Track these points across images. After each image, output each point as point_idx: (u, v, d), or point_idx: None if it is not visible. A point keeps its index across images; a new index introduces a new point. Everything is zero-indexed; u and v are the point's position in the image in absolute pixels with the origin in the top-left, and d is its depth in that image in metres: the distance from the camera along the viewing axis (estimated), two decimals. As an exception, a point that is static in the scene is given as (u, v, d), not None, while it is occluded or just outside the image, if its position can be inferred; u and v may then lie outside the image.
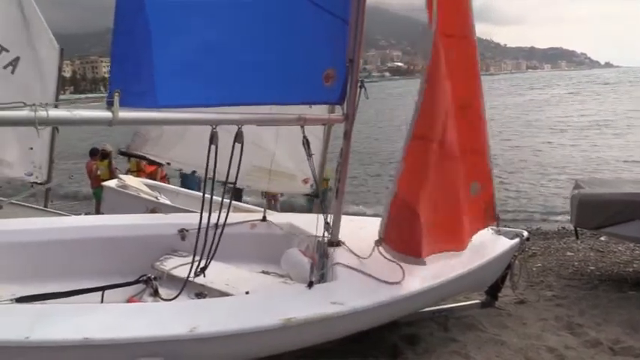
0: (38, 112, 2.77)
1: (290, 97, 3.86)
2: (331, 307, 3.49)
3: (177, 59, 3.26)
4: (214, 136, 3.45)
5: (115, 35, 3.03)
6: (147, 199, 7.62)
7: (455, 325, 4.87)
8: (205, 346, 3.19)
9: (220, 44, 3.42)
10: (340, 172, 4.28)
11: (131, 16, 3.02)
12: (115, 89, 2.99)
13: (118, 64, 3.09)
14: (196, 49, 3.33)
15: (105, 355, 3.02)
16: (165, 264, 4.51)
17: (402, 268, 3.90)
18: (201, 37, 3.33)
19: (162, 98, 3.22)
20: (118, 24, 3.01)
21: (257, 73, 3.62)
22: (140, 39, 3.08)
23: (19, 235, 4.49)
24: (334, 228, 4.40)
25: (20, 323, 3.00)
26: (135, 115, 3.19)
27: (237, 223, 4.75)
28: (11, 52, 8.06)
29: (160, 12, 3.10)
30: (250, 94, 3.62)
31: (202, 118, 3.54)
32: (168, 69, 3.21)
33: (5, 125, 2.87)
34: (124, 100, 3.01)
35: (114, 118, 2.98)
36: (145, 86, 3.14)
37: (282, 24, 3.63)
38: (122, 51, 3.07)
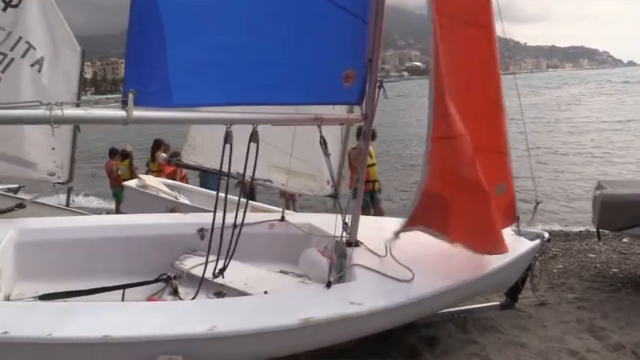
0: (53, 110, 2.82)
1: (309, 97, 3.87)
2: (350, 307, 3.48)
3: (193, 59, 3.28)
4: (229, 136, 3.46)
5: (129, 36, 3.06)
6: (166, 199, 7.70)
7: (474, 327, 4.83)
8: (224, 345, 3.21)
9: (238, 44, 3.44)
10: (359, 173, 4.27)
11: (145, 16, 3.05)
12: (129, 89, 3.02)
13: (133, 65, 3.12)
14: (211, 49, 3.35)
15: (125, 352, 3.06)
16: (184, 263, 4.55)
17: (419, 268, 3.88)
18: (216, 37, 3.35)
19: (177, 98, 3.24)
20: (133, 25, 3.04)
21: (275, 73, 3.63)
22: (154, 39, 3.10)
23: (41, 233, 4.56)
24: (352, 228, 4.40)
25: (43, 320, 3.05)
26: (149, 114, 3.22)
27: (255, 222, 4.77)
28: (37, 50, 8.21)
29: (173, 12, 3.12)
30: (268, 94, 3.64)
31: (217, 117, 3.56)
32: (183, 69, 3.23)
33: (23, 123, 2.94)
34: (140, 99, 3.05)
35: (128, 117, 3.02)
36: (160, 86, 3.16)
37: (302, 24, 3.65)
38: (136, 51, 3.10)
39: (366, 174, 7.36)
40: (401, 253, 4.02)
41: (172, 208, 7.28)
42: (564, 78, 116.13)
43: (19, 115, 2.87)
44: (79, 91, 8.87)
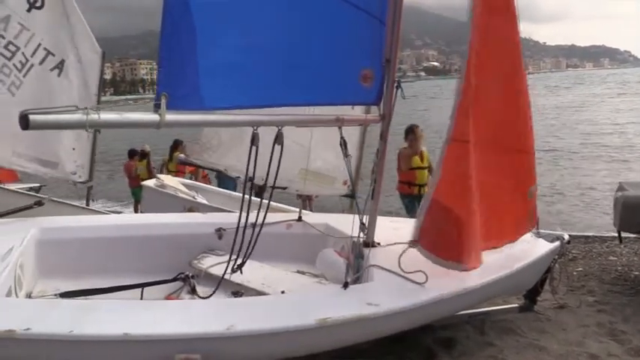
0: (90, 115, 2.84)
1: (329, 98, 3.89)
2: (367, 308, 3.48)
3: (221, 61, 3.31)
4: (255, 138, 3.49)
5: (162, 39, 3.10)
6: (184, 199, 7.75)
7: (492, 329, 4.79)
8: (242, 345, 3.23)
9: (262, 46, 3.47)
10: (376, 173, 4.26)
11: (177, 20, 3.08)
12: (162, 92, 3.05)
13: (165, 68, 3.16)
14: (238, 51, 3.38)
15: (144, 350, 3.09)
16: (202, 262, 4.58)
17: (438, 270, 3.86)
18: (241, 39, 3.38)
19: (206, 100, 3.28)
20: (165, 28, 3.07)
21: (297, 74, 3.66)
22: (186, 42, 3.14)
23: (62, 232, 4.63)
24: (370, 229, 4.39)
25: (64, 317, 3.10)
26: (181, 117, 3.25)
27: (273, 223, 4.79)
28: (57, 55, 8.35)
29: (204, 15, 3.15)
30: (290, 95, 3.67)
31: (244, 119, 3.59)
32: (212, 71, 3.27)
33: (59, 128, 2.98)
34: (171, 102, 3.08)
35: (161, 120, 3.05)
36: (191, 89, 3.20)
37: (322, 25, 3.67)
38: (169, 54, 3.14)
39: (412, 176, 7.38)
40: (418, 253, 4.00)
41: (190, 207, 7.34)
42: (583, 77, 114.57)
43: (58, 119, 2.88)
44: (99, 92, 9.01)
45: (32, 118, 2.73)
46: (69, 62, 8.49)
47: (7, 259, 3.76)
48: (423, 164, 7.58)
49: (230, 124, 3.88)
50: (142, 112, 3.19)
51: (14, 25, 7.98)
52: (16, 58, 8.02)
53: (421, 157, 7.57)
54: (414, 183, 7.54)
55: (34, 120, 2.74)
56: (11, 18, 7.98)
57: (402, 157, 7.56)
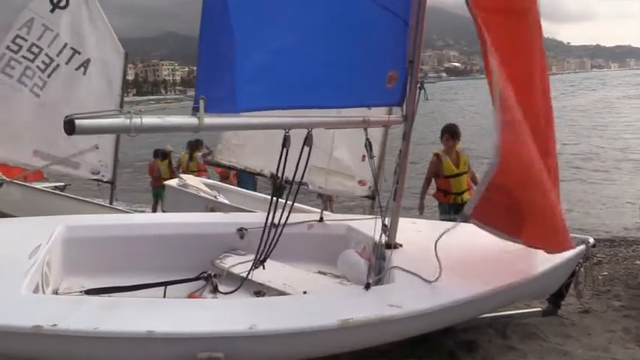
0: (133, 119, 2.85)
1: (357, 99, 3.90)
2: (388, 309, 3.47)
3: (255, 63, 3.33)
4: (287, 140, 3.51)
5: (201, 41, 3.13)
6: (206, 198, 7.83)
7: (514, 333, 4.73)
8: (264, 344, 3.24)
9: (292, 48, 3.49)
10: (399, 174, 4.25)
11: (217, 22, 3.11)
12: (200, 95, 3.07)
13: (204, 71, 3.20)
14: (271, 53, 3.41)
15: (167, 348, 3.12)
16: (224, 262, 4.62)
17: (460, 272, 3.83)
18: (273, 40, 3.41)
19: (240, 103, 3.30)
20: (204, 30, 3.10)
21: (327, 76, 3.68)
22: (224, 45, 3.17)
23: (87, 230, 4.71)
24: (391, 230, 4.38)
25: (89, 314, 3.15)
26: (219, 121, 3.30)
27: (294, 223, 4.80)
28: (82, 54, 8.51)
29: (243, 17, 3.18)
30: (320, 96, 3.68)
31: (276, 122, 3.61)
32: (246, 74, 3.29)
33: (104, 133, 2.99)
34: (208, 105, 3.10)
35: (200, 124, 3.08)
36: (227, 91, 3.22)
37: (349, 26, 3.68)
38: (208, 57, 3.19)
39: (447, 185, 7.10)
40: (441, 255, 3.97)
41: (212, 207, 7.41)
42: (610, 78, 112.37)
43: (103, 124, 2.88)
44: (122, 92, 9.16)
45: (78, 123, 2.72)
46: (93, 63, 8.65)
47: (35, 257, 3.83)
48: (460, 170, 7.09)
49: (264, 127, 3.88)
50: (182, 116, 3.19)
51: (38, 26, 8.17)
52: (38, 59, 8.21)
53: (457, 162, 7.11)
54: (450, 192, 7.10)
55: (79, 125, 2.73)
56: (35, 20, 8.17)
57: (433, 164, 7.17)
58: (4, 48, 8.13)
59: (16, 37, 8.10)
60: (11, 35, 8.13)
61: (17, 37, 8.10)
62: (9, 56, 8.06)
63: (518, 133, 3.67)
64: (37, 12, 8.24)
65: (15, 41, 8.08)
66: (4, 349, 3.28)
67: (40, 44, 8.23)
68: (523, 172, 3.76)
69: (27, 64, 8.18)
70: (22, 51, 8.11)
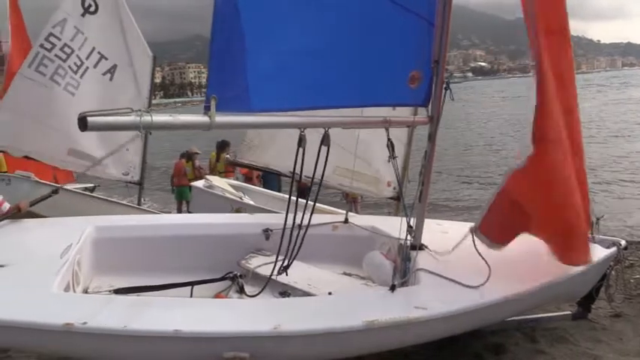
0: (143, 117, 2.93)
1: (377, 99, 3.88)
2: (414, 311, 3.45)
3: (269, 64, 3.36)
4: (302, 139, 3.52)
5: (212, 43, 3.16)
6: (232, 199, 7.90)
7: (543, 337, 4.67)
8: (289, 344, 3.25)
9: (311, 49, 3.50)
10: (424, 175, 4.22)
11: (227, 25, 3.15)
12: (211, 94, 3.11)
13: (215, 71, 3.22)
14: (285, 54, 3.42)
15: (194, 347, 3.16)
16: (250, 262, 4.64)
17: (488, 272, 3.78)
18: (290, 42, 3.42)
19: (254, 102, 3.33)
20: (215, 32, 3.14)
21: (344, 76, 3.67)
22: (235, 46, 3.20)
23: (116, 231, 4.79)
24: (417, 231, 4.34)
25: (118, 313, 3.20)
26: (230, 119, 3.30)
27: (319, 224, 4.80)
28: (110, 60, 8.66)
29: (253, 19, 3.20)
30: (337, 96, 3.68)
31: (291, 121, 3.63)
32: (260, 74, 3.31)
33: (115, 130, 3.08)
34: (220, 105, 3.13)
35: (211, 122, 3.11)
36: (240, 91, 3.25)
37: (370, 27, 3.66)
38: (218, 58, 3.21)
39: None
40: (467, 257, 3.93)
41: (237, 208, 7.47)
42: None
43: (114, 121, 2.97)
44: (150, 95, 9.29)
45: (90, 120, 2.84)
46: (121, 66, 8.80)
47: (66, 256, 3.92)
48: None
49: (278, 126, 3.92)
50: (193, 115, 3.25)
51: (70, 28, 8.30)
52: (70, 60, 8.34)
53: None
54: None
55: (92, 122, 2.85)
56: (67, 21, 8.30)
57: None
58: (37, 46, 8.29)
59: (50, 35, 8.20)
60: (45, 33, 8.25)
61: (51, 35, 8.20)
62: (42, 54, 8.19)
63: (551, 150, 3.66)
64: (69, 13, 8.37)
65: (49, 39, 8.20)
66: (37, 345, 3.38)
67: (72, 45, 8.36)
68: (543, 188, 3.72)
69: (59, 62, 8.30)
70: (55, 50, 8.22)
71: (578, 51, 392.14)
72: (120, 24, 8.82)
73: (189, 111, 3.34)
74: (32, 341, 3.24)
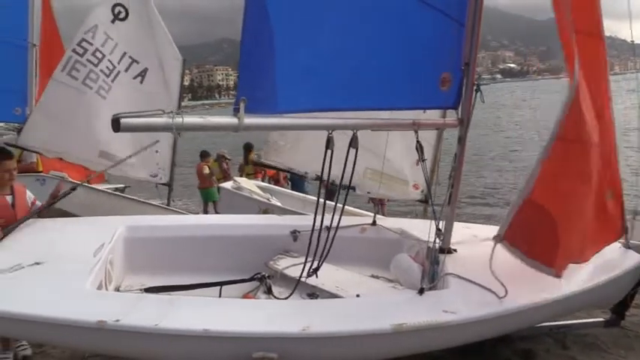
0: (175, 118, 3.00)
1: (407, 102, 3.86)
2: (443, 315, 3.42)
3: (297, 66, 3.39)
4: (330, 141, 3.53)
5: (242, 44, 3.21)
6: (259, 201, 7.96)
7: (574, 343, 4.58)
8: (317, 346, 3.26)
9: (339, 50, 3.51)
10: (454, 178, 4.19)
11: (257, 25, 3.19)
12: (241, 96, 3.16)
13: (245, 73, 3.27)
14: (314, 56, 3.44)
15: (223, 346, 3.19)
16: (278, 263, 4.67)
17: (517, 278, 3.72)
18: (318, 43, 3.44)
19: (282, 104, 3.35)
20: (245, 35, 3.18)
21: (374, 78, 3.67)
22: (264, 48, 3.24)
23: (147, 230, 4.87)
24: (446, 234, 4.31)
25: (150, 311, 3.25)
26: (259, 121, 3.35)
27: (347, 226, 4.81)
28: (141, 63, 8.83)
29: (283, 20, 3.24)
30: (366, 99, 3.68)
31: (319, 123, 3.64)
32: (288, 75, 3.34)
33: (147, 131, 3.16)
34: (249, 106, 3.18)
35: (240, 124, 3.16)
36: (268, 93, 3.29)
37: (400, 29, 3.66)
38: (248, 60, 3.25)
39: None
40: (498, 260, 3.88)
41: (265, 209, 7.52)
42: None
43: (147, 122, 3.06)
44: (179, 97, 9.43)
45: (123, 122, 2.93)
46: (151, 70, 8.96)
47: (99, 255, 4.00)
48: None
49: (306, 128, 3.93)
50: (223, 116, 3.30)
51: (101, 34, 8.51)
52: (102, 64, 8.55)
53: None
54: None
55: (125, 123, 2.93)
56: (98, 27, 8.51)
57: None
58: (70, 51, 8.51)
59: (82, 40, 8.43)
60: (77, 38, 8.48)
61: (83, 40, 8.44)
62: (75, 59, 8.42)
63: (571, 150, 3.57)
64: (100, 19, 8.59)
65: (81, 44, 8.42)
66: (70, 341, 3.46)
67: (103, 50, 8.57)
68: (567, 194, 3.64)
69: (91, 67, 8.52)
70: (87, 54, 8.44)
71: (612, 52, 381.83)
72: (150, 28, 8.98)
73: (217, 113, 3.40)
74: (66, 337, 3.32)
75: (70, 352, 4.27)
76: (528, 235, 3.75)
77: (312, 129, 3.87)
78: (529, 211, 3.69)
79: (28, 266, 3.71)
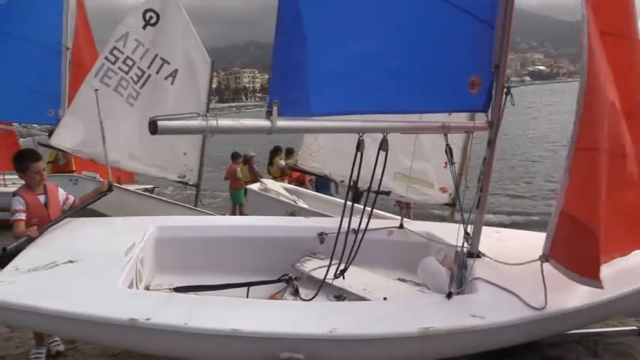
0: (209, 121, 3.05)
1: (437, 105, 3.86)
2: (471, 320, 3.39)
3: (330, 69, 3.42)
4: (361, 144, 3.54)
5: (275, 47, 3.25)
6: (286, 203, 8.00)
7: (606, 351, 4.48)
8: (343, 348, 3.26)
9: (370, 53, 3.52)
10: (483, 181, 4.15)
11: (289, 29, 3.22)
12: (274, 99, 3.20)
13: (278, 76, 3.31)
14: (346, 59, 3.46)
15: (251, 346, 3.22)
16: (305, 265, 4.69)
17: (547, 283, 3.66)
18: (350, 47, 3.46)
19: (314, 107, 3.39)
20: (278, 39, 3.22)
21: (404, 81, 3.67)
22: (297, 52, 3.28)
23: (177, 231, 4.94)
24: (474, 239, 4.27)
25: (179, 310, 3.30)
26: (290, 124, 3.40)
27: (374, 229, 4.80)
28: (172, 64, 9.00)
29: (315, 24, 3.27)
30: (397, 102, 3.69)
31: (350, 126, 3.66)
32: (321, 78, 3.38)
33: (182, 133, 3.23)
34: (281, 109, 3.22)
35: (272, 126, 3.21)
36: (300, 95, 3.33)
37: (430, 31, 3.65)
38: (281, 64, 3.29)
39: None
40: (527, 265, 3.83)
41: (292, 211, 7.56)
42: None
43: (182, 125, 3.12)
44: (208, 99, 9.57)
45: (160, 124, 3.00)
46: (181, 72, 9.13)
47: (130, 254, 4.08)
48: None
49: (337, 131, 3.97)
50: (256, 119, 3.34)
51: (131, 41, 8.75)
52: (132, 71, 8.80)
53: None
54: None
55: (162, 126, 3.01)
56: (129, 35, 8.75)
57: None
58: (102, 59, 8.76)
59: (114, 48, 8.72)
60: (109, 47, 8.76)
61: (114, 49, 8.73)
62: (107, 67, 8.70)
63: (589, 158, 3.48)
64: (131, 27, 8.82)
65: (112, 52, 8.71)
66: (102, 338, 3.54)
67: (134, 57, 8.82)
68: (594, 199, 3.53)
69: (122, 75, 8.78)
70: (118, 62, 8.72)
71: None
72: (180, 31, 9.16)
73: (244, 115, 3.44)
74: (98, 334, 3.40)
75: (101, 349, 4.35)
76: (567, 248, 3.66)
77: (344, 132, 3.90)
78: (564, 224, 3.61)
79: (63, 264, 3.80)
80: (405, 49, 3.62)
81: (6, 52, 9.33)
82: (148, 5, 8.87)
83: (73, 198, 4.79)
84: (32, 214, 4.35)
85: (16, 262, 3.80)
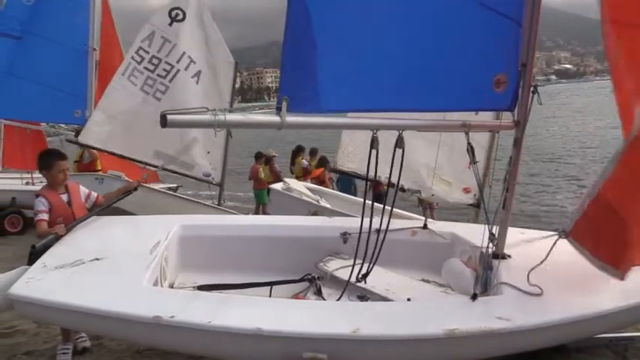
0: (218, 116, 3.12)
1: (459, 103, 3.81)
2: (496, 322, 3.34)
3: (341, 66, 3.41)
4: (375, 141, 3.52)
5: (284, 45, 3.27)
6: (309, 202, 8.00)
7: (635, 357, 4.37)
8: (367, 348, 3.25)
9: (387, 51, 3.50)
10: (509, 182, 4.08)
11: (299, 26, 3.23)
12: (283, 96, 3.23)
13: (287, 73, 3.33)
14: (359, 56, 3.45)
15: (275, 345, 3.22)
16: (328, 265, 4.68)
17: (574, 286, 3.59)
18: (363, 44, 3.45)
19: (326, 103, 3.38)
20: (288, 34, 3.23)
21: (424, 78, 3.63)
22: (307, 48, 3.28)
23: (201, 229, 4.98)
24: (500, 240, 4.21)
25: (203, 309, 3.33)
26: (300, 119, 3.42)
27: (398, 229, 4.77)
28: (197, 64, 9.12)
29: (325, 21, 3.27)
30: (416, 100, 3.64)
31: (363, 123, 3.65)
32: (332, 75, 3.37)
33: (191, 127, 3.31)
34: (292, 105, 3.24)
35: (282, 122, 3.24)
36: (311, 92, 3.33)
37: (453, 29, 3.61)
38: (291, 60, 3.31)
39: None
40: (554, 267, 3.75)
41: (314, 211, 7.56)
42: None
43: (190, 119, 3.22)
44: (231, 99, 9.65)
45: (170, 118, 3.11)
46: (204, 72, 9.24)
47: (155, 252, 4.12)
48: None
49: (350, 127, 3.96)
50: (264, 114, 3.38)
51: (157, 39, 8.89)
52: (159, 68, 8.93)
53: None
54: None
55: (171, 119, 3.11)
56: (155, 34, 8.90)
57: None
58: (129, 58, 8.92)
59: (139, 48, 8.88)
60: (135, 47, 8.92)
61: (140, 49, 8.88)
62: (133, 66, 8.86)
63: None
64: (157, 26, 8.95)
65: (138, 52, 8.87)
66: (128, 335, 3.58)
67: (159, 55, 8.95)
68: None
69: (148, 74, 8.93)
70: (144, 62, 8.87)
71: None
72: (204, 31, 9.26)
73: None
74: (124, 331, 3.44)
75: (126, 345, 4.41)
76: (595, 233, 3.61)
77: (356, 128, 3.88)
78: (598, 209, 3.54)
79: (89, 261, 3.86)
80: (426, 47, 3.57)
81: (33, 53, 9.52)
82: (174, 4, 8.99)
83: (95, 194, 4.85)
84: (57, 213, 4.42)
85: (44, 260, 3.87)
